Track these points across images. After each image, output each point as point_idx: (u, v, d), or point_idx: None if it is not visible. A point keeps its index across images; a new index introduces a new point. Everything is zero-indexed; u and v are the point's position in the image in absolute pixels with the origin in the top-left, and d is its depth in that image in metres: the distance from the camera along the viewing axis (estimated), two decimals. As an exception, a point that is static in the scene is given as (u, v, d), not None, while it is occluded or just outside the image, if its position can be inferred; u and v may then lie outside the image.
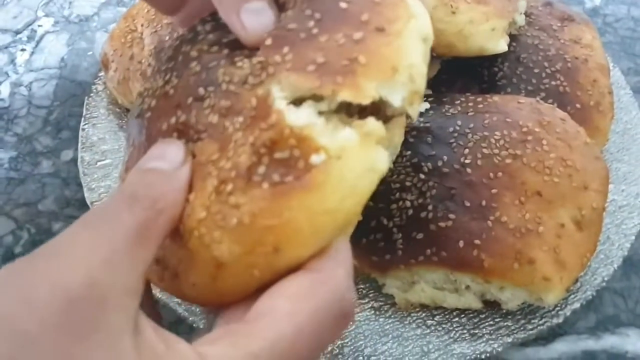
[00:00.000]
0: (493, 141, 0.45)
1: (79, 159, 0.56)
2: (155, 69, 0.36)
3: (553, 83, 0.53)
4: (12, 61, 0.70)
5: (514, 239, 0.42)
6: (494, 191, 0.43)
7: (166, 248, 0.29)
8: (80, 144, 0.57)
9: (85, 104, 0.60)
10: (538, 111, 0.48)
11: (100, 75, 0.63)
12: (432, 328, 0.45)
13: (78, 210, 0.56)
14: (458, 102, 0.49)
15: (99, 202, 0.52)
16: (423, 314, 0.46)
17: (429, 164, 0.45)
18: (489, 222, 0.42)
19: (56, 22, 0.75)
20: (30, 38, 0.73)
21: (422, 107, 0.50)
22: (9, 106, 0.66)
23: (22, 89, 0.67)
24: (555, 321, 0.44)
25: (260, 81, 0.29)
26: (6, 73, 0.69)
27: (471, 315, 0.45)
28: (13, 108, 0.66)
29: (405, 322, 0.45)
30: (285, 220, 0.26)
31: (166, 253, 0.30)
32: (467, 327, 0.45)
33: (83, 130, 0.58)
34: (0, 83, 0.68)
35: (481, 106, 0.48)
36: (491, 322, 0.45)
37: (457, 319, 0.45)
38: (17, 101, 0.66)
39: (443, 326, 0.45)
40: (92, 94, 0.61)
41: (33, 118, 0.65)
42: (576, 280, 0.45)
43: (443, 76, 0.55)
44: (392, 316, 0.46)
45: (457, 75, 0.55)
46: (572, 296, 0.45)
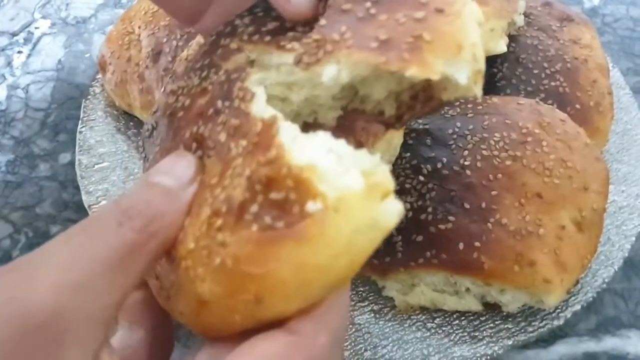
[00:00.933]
0: (493, 143, 0.45)
1: (77, 162, 0.56)
2: (188, 67, 0.34)
3: (552, 84, 0.52)
4: (9, 63, 0.70)
5: (514, 241, 0.42)
6: (494, 193, 0.43)
7: (163, 266, 0.28)
8: (77, 147, 0.57)
9: (82, 107, 0.60)
10: (538, 112, 0.47)
11: (97, 77, 0.62)
12: (432, 331, 0.45)
13: (76, 213, 0.56)
14: (457, 104, 0.48)
15: (97, 206, 0.51)
16: (423, 317, 0.45)
17: (429, 166, 0.45)
18: (489, 224, 0.42)
19: (53, 24, 0.75)
20: (27, 40, 0.73)
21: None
22: (6, 109, 0.65)
23: (19, 92, 0.67)
24: (555, 323, 0.44)
25: (317, 59, 0.28)
26: (3, 75, 0.69)
27: (471, 317, 0.45)
28: (10, 111, 0.65)
29: (405, 325, 0.45)
30: (269, 270, 0.24)
31: (162, 272, 0.28)
32: (468, 330, 0.44)
33: (80, 132, 0.58)
34: (-3, 85, 0.68)
35: (480, 107, 0.48)
36: (491, 325, 0.45)
37: (457, 322, 0.45)
38: (14, 104, 0.66)
39: (443, 329, 0.45)
40: (90, 97, 0.61)
41: (30, 121, 0.64)
42: (577, 282, 0.45)
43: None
44: (392, 319, 0.46)
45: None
46: (573, 298, 0.45)
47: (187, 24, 0.38)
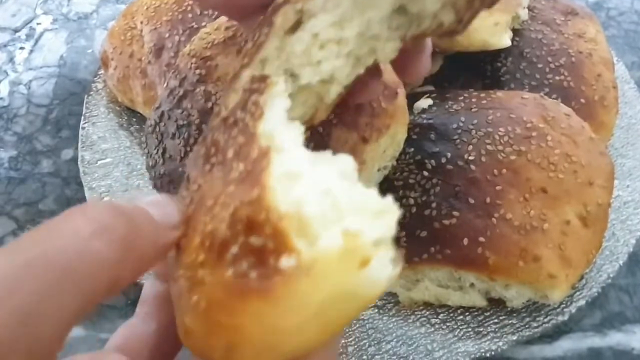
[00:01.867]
0: (497, 137, 0.45)
1: (79, 158, 0.55)
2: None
3: (557, 78, 0.52)
4: (11, 60, 0.70)
5: (519, 237, 0.41)
6: (499, 188, 0.43)
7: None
8: (80, 143, 0.57)
9: (85, 103, 0.60)
10: (542, 106, 0.47)
11: (99, 73, 0.62)
12: (437, 326, 0.45)
13: (79, 209, 0.56)
14: (461, 99, 0.48)
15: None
16: (427, 313, 0.45)
17: (433, 161, 0.45)
18: (494, 220, 0.42)
19: (55, 20, 0.74)
20: (29, 36, 0.73)
21: (425, 104, 0.50)
22: (8, 105, 0.65)
23: (22, 88, 0.67)
24: (560, 318, 0.44)
25: None
26: (5, 72, 0.69)
27: (476, 313, 0.45)
28: (12, 107, 0.65)
29: (409, 321, 0.45)
30: (237, 323, 0.21)
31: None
32: (472, 325, 0.44)
33: (83, 128, 0.58)
34: (-1, 82, 0.68)
35: (485, 102, 0.48)
36: (496, 320, 0.44)
37: (462, 317, 0.45)
38: (17, 100, 0.66)
39: (447, 324, 0.45)
40: (92, 92, 0.61)
41: (33, 117, 0.64)
42: (581, 277, 0.45)
43: (446, 71, 0.55)
44: (396, 315, 0.45)
45: (460, 70, 0.55)
46: (578, 293, 0.45)
47: (238, 21, 0.36)
